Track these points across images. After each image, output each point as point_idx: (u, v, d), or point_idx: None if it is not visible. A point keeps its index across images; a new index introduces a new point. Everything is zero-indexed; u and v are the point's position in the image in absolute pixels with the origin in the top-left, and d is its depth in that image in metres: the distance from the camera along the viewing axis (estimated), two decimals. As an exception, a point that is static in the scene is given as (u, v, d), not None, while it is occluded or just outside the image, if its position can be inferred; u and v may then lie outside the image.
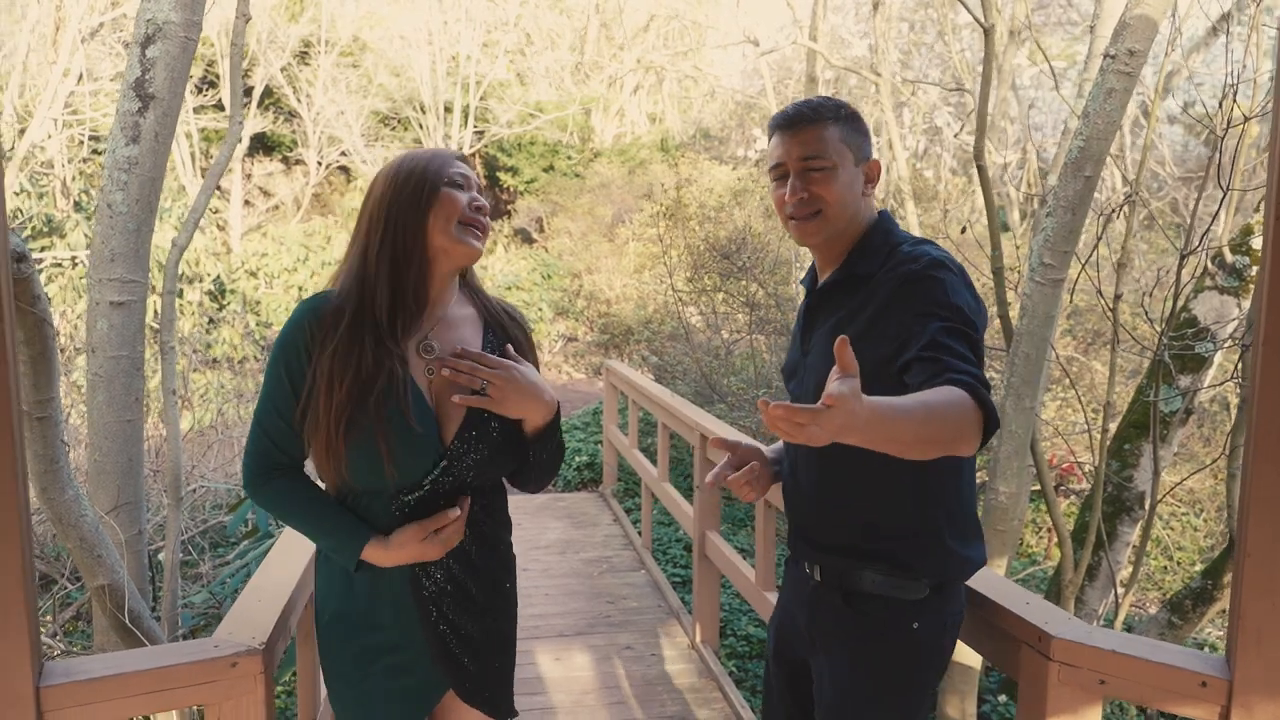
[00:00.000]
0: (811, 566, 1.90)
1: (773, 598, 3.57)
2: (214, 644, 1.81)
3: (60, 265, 12.25)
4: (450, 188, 1.74)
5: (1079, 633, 1.79)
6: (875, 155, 1.87)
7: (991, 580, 2.05)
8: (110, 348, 3.45)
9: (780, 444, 2.06)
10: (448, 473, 1.76)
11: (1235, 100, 3.47)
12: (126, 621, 3.08)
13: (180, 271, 7.89)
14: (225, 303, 13.72)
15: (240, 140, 3.71)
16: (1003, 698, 4.55)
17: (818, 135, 1.80)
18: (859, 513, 1.81)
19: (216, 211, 15.67)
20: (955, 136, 12.49)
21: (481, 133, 19.84)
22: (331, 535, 1.76)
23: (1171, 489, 6.36)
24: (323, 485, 1.82)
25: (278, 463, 1.77)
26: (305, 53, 18.96)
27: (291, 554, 2.42)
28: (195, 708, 3.58)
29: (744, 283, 9.37)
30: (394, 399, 1.69)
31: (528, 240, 19.27)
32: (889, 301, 1.72)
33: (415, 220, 1.71)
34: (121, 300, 3.43)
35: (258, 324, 13.74)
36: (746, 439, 2.18)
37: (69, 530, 2.93)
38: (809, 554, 1.90)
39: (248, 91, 16.90)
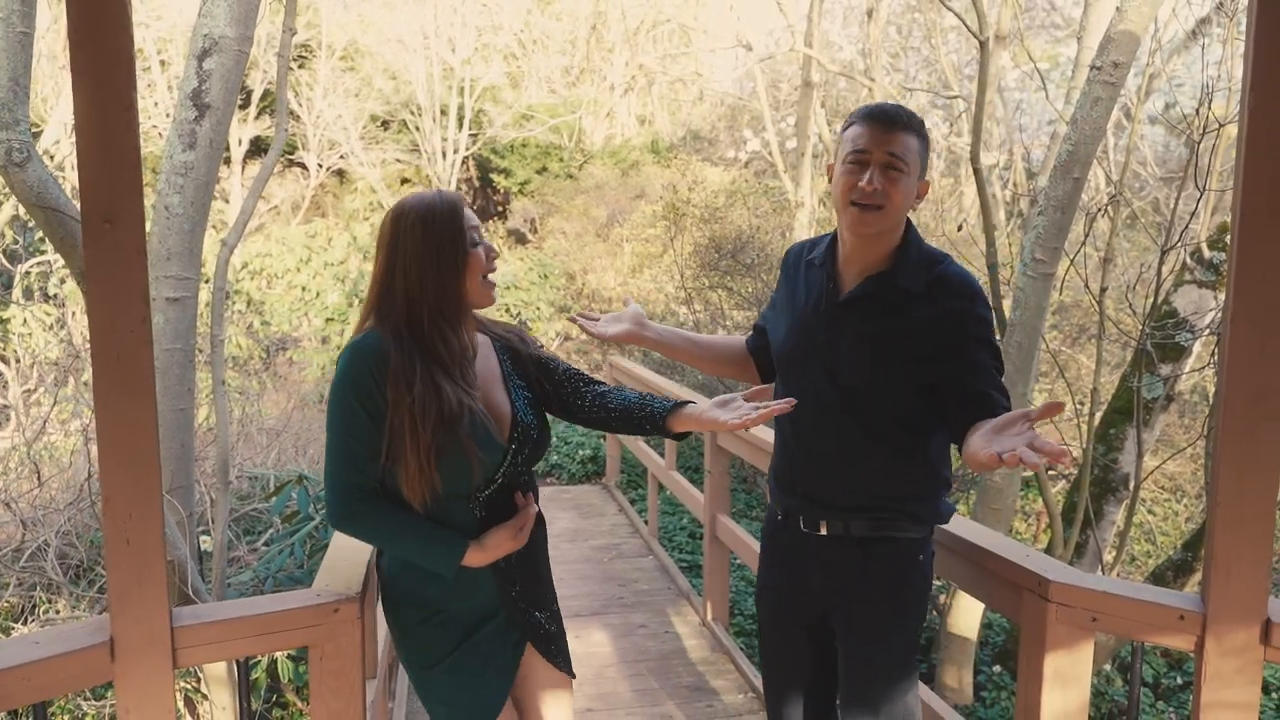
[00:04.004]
0: (818, 524, 2.19)
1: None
2: (315, 593, 2.04)
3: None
4: (473, 246, 1.97)
5: (1073, 577, 2.04)
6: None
7: (995, 538, 2.32)
8: (165, 340, 3.67)
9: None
10: (511, 464, 2.04)
11: (1210, 106, 3.74)
12: (190, 594, 3.31)
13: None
14: (230, 303, 13.89)
15: (282, 146, 3.94)
16: (997, 668, 4.81)
17: (907, 140, 2.00)
18: (875, 478, 2.13)
19: (219, 213, 15.83)
20: (944, 139, 12.78)
21: (476, 135, 20.01)
22: (432, 548, 1.97)
23: (1154, 470, 6.64)
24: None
25: (363, 489, 1.94)
26: (303, 57, 19.09)
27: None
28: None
29: (746, 280, 9.64)
30: (479, 426, 1.96)
31: (521, 241, 19.46)
32: (942, 332, 2.01)
33: (456, 283, 1.96)
34: (176, 296, 3.65)
35: (261, 324, 13.92)
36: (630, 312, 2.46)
37: (137, 509, 3.16)
38: (818, 513, 2.19)
39: (247, 96, 17.04)
